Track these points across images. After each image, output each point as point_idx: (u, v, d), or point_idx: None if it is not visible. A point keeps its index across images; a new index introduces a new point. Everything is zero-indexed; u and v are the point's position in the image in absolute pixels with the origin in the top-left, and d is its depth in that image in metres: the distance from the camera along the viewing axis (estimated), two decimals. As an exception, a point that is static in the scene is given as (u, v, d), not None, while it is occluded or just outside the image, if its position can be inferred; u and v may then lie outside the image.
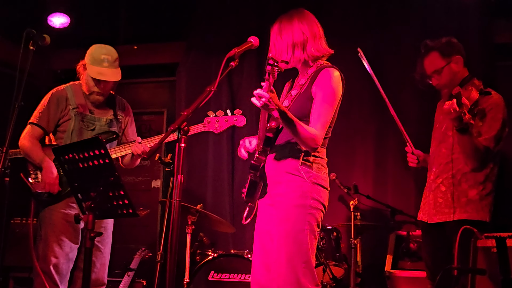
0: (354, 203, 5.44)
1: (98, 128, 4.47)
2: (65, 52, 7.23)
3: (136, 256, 5.76)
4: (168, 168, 4.70)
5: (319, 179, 3.32)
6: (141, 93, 7.61)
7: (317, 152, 3.34)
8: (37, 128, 4.40)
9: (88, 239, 3.14)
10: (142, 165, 7.14)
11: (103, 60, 4.38)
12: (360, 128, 6.25)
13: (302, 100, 3.37)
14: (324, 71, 3.35)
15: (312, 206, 3.27)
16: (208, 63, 6.85)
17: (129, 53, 7.19)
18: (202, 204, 5.26)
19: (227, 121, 4.25)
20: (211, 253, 5.21)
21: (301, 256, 3.22)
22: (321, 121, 3.26)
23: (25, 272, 5.59)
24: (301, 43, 3.39)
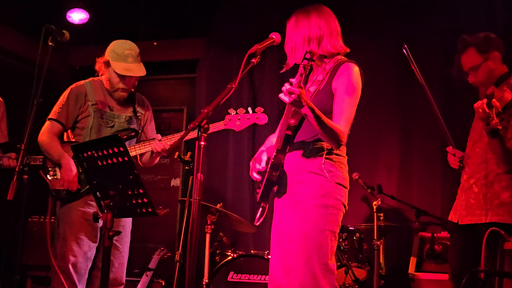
0: (377, 204, 5.40)
1: (117, 125, 4.49)
2: (84, 48, 7.27)
3: (155, 255, 5.77)
4: (188, 167, 4.70)
5: (341, 179, 3.30)
6: (161, 90, 7.64)
7: (339, 150, 3.31)
8: (56, 124, 4.42)
9: (107, 238, 3.15)
10: (161, 163, 7.16)
11: (127, 55, 4.40)
12: (384, 127, 6.21)
13: (322, 96, 3.33)
14: (344, 66, 3.32)
15: (334, 207, 3.24)
16: (229, 59, 6.86)
17: (149, 49, 7.20)
18: (222, 203, 5.26)
19: (248, 119, 4.24)
20: (230, 253, 5.21)
21: (321, 257, 3.19)
22: (345, 117, 3.23)
23: (43, 271, 5.65)
24: (316, 38, 3.37)
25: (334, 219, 3.25)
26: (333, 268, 3.24)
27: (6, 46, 5.16)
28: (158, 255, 5.76)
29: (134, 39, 4.58)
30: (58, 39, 3.94)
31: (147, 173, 7.16)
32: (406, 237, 5.67)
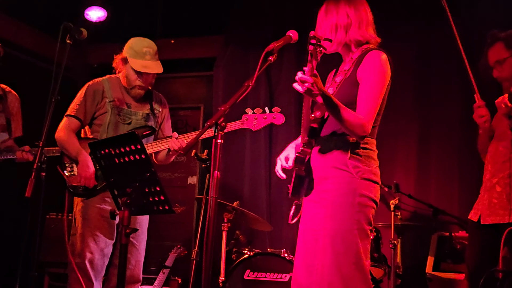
0: (394, 202, 5.38)
1: (134, 122, 4.51)
2: (102, 46, 7.32)
3: (172, 253, 5.80)
4: (205, 165, 4.72)
5: (369, 174, 3.19)
6: (178, 88, 7.66)
7: (366, 144, 3.21)
8: (74, 120, 4.45)
9: (124, 236, 3.17)
10: (178, 161, 7.20)
11: (145, 53, 4.43)
12: (403, 125, 6.19)
13: (347, 86, 3.26)
14: (369, 54, 3.24)
15: (361, 204, 3.14)
16: (246, 57, 6.88)
17: (166, 47, 7.23)
18: (238, 202, 5.28)
19: (265, 119, 4.25)
20: (247, 252, 5.22)
21: (349, 258, 3.09)
22: (368, 107, 3.14)
23: (61, 268, 5.70)
24: (344, 26, 3.30)
25: (362, 217, 3.14)
26: (365, 267, 3.13)
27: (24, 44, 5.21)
28: (175, 253, 5.79)
29: (151, 37, 4.61)
30: (76, 37, 3.97)
31: (164, 171, 7.19)
32: (424, 236, 5.65)
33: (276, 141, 6.65)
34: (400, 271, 5.39)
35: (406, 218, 5.56)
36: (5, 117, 4.98)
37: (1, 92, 4.97)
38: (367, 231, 3.17)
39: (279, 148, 6.50)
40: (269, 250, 5.29)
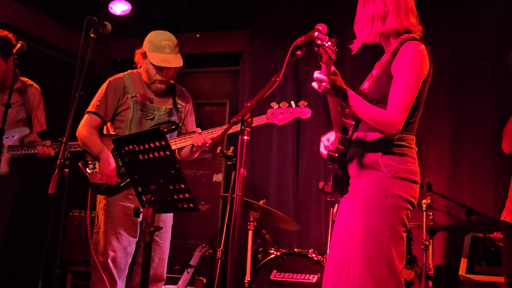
0: (426, 202, 5.33)
1: (157, 118, 4.52)
2: (126, 40, 7.34)
3: (196, 252, 5.81)
4: (231, 162, 4.72)
5: (404, 172, 3.11)
6: (203, 83, 7.68)
7: (402, 141, 3.13)
8: (95, 116, 4.47)
9: (148, 234, 3.17)
10: (203, 158, 7.22)
11: (164, 46, 4.42)
12: (435, 122, 6.12)
13: (382, 80, 3.19)
14: (405, 45, 3.15)
15: (394, 204, 3.07)
16: (273, 52, 6.86)
17: (192, 41, 7.26)
18: (265, 200, 5.27)
19: (292, 113, 4.22)
20: (273, 251, 5.22)
21: (382, 260, 3.04)
22: (400, 102, 3.06)
23: (84, 266, 5.74)
24: (381, 15, 3.24)
25: (395, 218, 3.08)
26: (397, 270, 3.07)
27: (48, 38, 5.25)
28: (200, 252, 5.80)
29: (176, 31, 4.61)
30: (100, 31, 3.97)
31: (189, 168, 7.21)
32: (456, 238, 5.60)
33: (304, 138, 6.63)
34: (431, 273, 5.33)
35: (438, 219, 5.50)
36: (25, 111, 5.03)
37: (20, 85, 5.02)
38: (401, 233, 3.11)
39: (307, 145, 6.54)
40: (296, 250, 5.30)
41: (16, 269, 5.94)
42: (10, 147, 4.88)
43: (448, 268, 5.58)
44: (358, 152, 3.22)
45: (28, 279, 4.93)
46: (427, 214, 5.32)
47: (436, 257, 5.49)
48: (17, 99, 5.03)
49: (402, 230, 3.12)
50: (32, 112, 5.10)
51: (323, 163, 6.26)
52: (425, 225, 5.28)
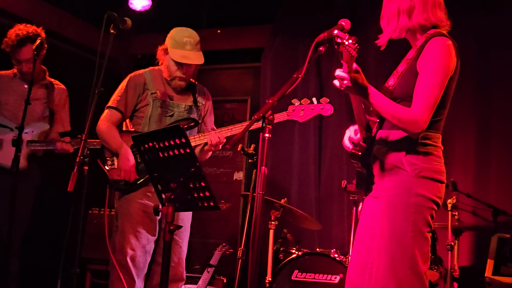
0: (452, 202, 5.29)
1: (176, 115, 4.53)
2: (146, 36, 7.38)
3: (217, 251, 5.81)
4: (251, 160, 4.71)
5: (428, 172, 3.07)
6: (224, 80, 7.68)
7: (427, 139, 3.09)
8: (116, 112, 4.49)
9: (168, 232, 3.17)
10: (224, 156, 7.23)
11: (185, 43, 4.43)
12: (461, 120, 6.07)
13: (408, 76, 3.16)
14: (431, 41, 3.11)
15: (417, 204, 3.04)
16: (295, 48, 6.84)
17: (212, 37, 7.27)
18: (286, 199, 5.26)
19: (313, 110, 4.21)
20: (295, 251, 5.21)
21: (405, 261, 3.02)
22: (425, 100, 3.02)
23: (103, 264, 5.77)
24: (407, 10, 3.20)
25: (419, 218, 3.05)
26: (421, 272, 3.04)
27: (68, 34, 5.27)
28: (220, 251, 5.80)
29: (197, 26, 4.62)
30: (120, 26, 3.98)
31: (209, 166, 7.22)
32: (483, 238, 5.55)
33: (327, 136, 6.61)
34: (457, 274, 5.29)
35: (464, 219, 5.45)
36: (49, 108, 5.11)
37: (47, 82, 5.11)
38: (425, 234, 3.08)
39: (329, 143, 6.51)
40: (318, 250, 5.28)
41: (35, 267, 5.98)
42: (29, 142, 4.94)
43: (474, 270, 5.54)
44: (381, 151, 3.20)
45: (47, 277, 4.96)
46: (452, 214, 5.28)
47: (461, 258, 5.44)
48: (43, 96, 5.11)
49: (427, 231, 3.09)
50: (56, 112, 5.18)
51: (346, 161, 6.24)
52: (450, 226, 5.24)
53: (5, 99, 5.05)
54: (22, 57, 4.97)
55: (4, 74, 5.16)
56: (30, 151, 4.98)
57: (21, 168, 4.86)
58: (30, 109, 4.89)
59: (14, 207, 4.23)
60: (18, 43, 4.91)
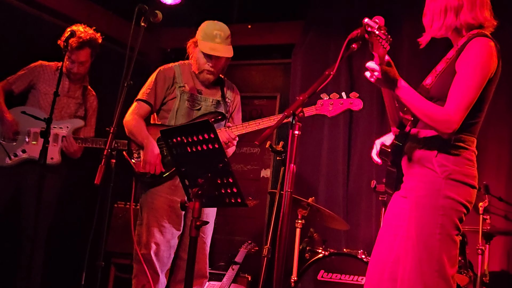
0: (483, 205, 5.24)
1: (204, 109, 4.56)
2: (176, 30, 7.41)
3: (242, 249, 5.81)
4: (280, 157, 4.70)
5: (458, 174, 3.04)
6: (254, 76, 7.69)
7: (460, 142, 3.06)
8: (145, 104, 4.53)
9: (194, 228, 3.19)
10: (251, 152, 7.24)
11: (215, 35, 4.46)
12: (495, 122, 6.00)
13: (446, 76, 3.12)
14: (472, 41, 3.07)
15: (446, 207, 3.02)
16: (327, 44, 6.82)
17: (243, 32, 7.27)
18: (314, 198, 5.25)
19: (342, 104, 4.21)
20: (321, 251, 5.20)
21: (432, 264, 3.00)
22: (459, 100, 2.98)
23: (127, 259, 5.81)
24: (454, 8, 3.15)
25: (447, 221, 3.02)
26: (448, 275, 3.02)
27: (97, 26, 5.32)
28: (245, 249, 5.80)
29: (227, 21, 4.63)
30: (151, 19, 4.00)
31: (236, 162, 7.23)
32: (515, 243, 5.51)
33: (356, 134, 6.58)
34: (486, 279, 5.24)
35: (495, 223, 5.40)
36: (85, 109, 5.23)
37: (86, 84, 5.24)
38: (453, 237, 3.06)
39: (359, 142, 6.48)
40: (345, 251, 5.27)
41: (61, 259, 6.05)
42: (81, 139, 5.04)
43: (505, 275, 5.50)
44: (413, 150, 3.19)
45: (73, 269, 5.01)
46: (483, 218, 5.23)
47: (492, 262, 5.39)
48: (80, 96, 5.23)
49: (455, 234, 3.07)
50: (87, 115, 5.28)
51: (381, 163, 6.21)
52: (481, 229, 5.19)
53: (45, 89, 5.18)
54: (78, 59, 5.15)
55: (48, 66, 5.28)
56: (64, 146, 5.07)
57: (56, 162, 5.05)
58: (65, 106, 5.05)
59: (40, 198, 4.29)
60: (79, 45, 5.09)
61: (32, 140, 5.05)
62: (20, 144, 5.06)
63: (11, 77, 5.18)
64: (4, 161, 5.00)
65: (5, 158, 5.00)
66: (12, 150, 5.02)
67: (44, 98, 5.14)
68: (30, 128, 5.07)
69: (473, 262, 5.27)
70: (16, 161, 5.01)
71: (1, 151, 5.00)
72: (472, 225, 5.28)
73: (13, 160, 5.01)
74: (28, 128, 5.07)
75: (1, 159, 5.00)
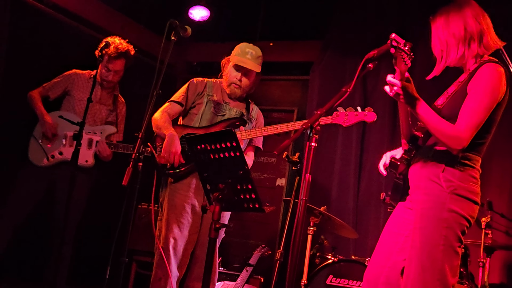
0: (486, 220, 5.22)
1: (227, 116, 4.63)
2: (202, 45, 7.45)
3: (256, 252, 5.82)
4: (295, 167, 4.73)
5: (463, 190, 3.05)
6: (273, 90, 7.71)
7: (466, 160, 3.07)
8: (176, 105, 4.62)
9: (213, 230, 3.23)
10: (268, 162, 7.26)
11: (247, 52, 4.59)
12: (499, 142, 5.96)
13: (457, 97, 3.13)
14: (483, 66, 3.08)
15: (450, 220, 3.03)
16: (343, 63, 6.83)
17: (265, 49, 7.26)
18: (326, 206, 5.26)
19: (357, 116, 4.26)
20: (331, 257, 5.21)
21: (435, 273, 3.01)
22: (469, 119, 3.00)
23: (148, 256, 5.85)
24: (477, 35, 3.14)
25: (450, 233, 3.03)
26: (449, 285, 3.03)
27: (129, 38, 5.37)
28: (259, 252, 5.80)
29: (251, 38, 4.70)
30: (181, 34, 4.04)
31: (254, 171, 7.24)
32: (515, 258, 5.48)
33: (368, 150, 6.58)
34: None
35: (497, 238, 5.37)
36: (116, 117, 5.30)
37: (117, 92, 5.30)
38: (456, 248, 3.07)
39: (370, 156, 6.48)
40: (353, 258, 5.26)
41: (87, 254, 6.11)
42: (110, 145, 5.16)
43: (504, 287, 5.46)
44: (421, 164, 3.20)
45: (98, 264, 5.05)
46: (485, 233, 5.21)
47: (492, 275, 5.36)
48: (110, 103, 5.30)
49: (457, 246, 3.08)
50: (117, 121, 5.35)
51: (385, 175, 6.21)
52: (483, 243, 5.17)
53: (80, 96, 5.24)
54: (114, 68, 5.23)
55: (82, 74, 5.35)
56: (98, 151, 5.14)
57: (90, 165, 5.15)
58: (97, 112, 5.13)
59: (71, 197, 4.33)
60: (117, 55, 5.17)
61: (68, 143, 5.12)
62: (57, 146, 5.12)
63: (46, 84, 5.25)
64: (42, 161, 5.06)
65: (43, 159, 5.06)
66: (49, 151, 5.08)
67: (79, 104, 5.21)
68: (66, 132, 5.14)
69: (474, 274, 5.24)
70: (52, 162, 5.08)
71: (40, 152, 5.07)
72: (474, 239, 5.26)
73: (50, 161, 5.07)
74: (65, 132, 5.14)
75: (39, 159, 5.06)
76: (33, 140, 5.08)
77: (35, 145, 5.08)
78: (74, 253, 5.18)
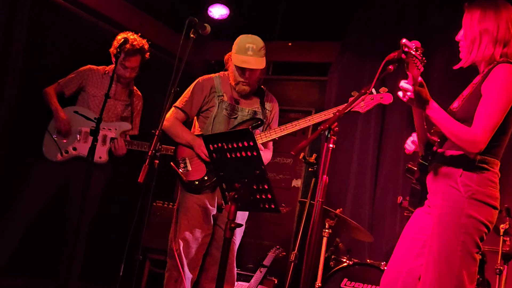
0: (504, 227, 5.17)
1: (240, 118, 4.58)
2: (220, 43, 7.42)
3: (270, 253, 5.82)
4: (312, 169, 4.71)
5: (481, 195, 3.01)
6: (291, 90, 7.70)
7: (484, 163, 3.02)
8: (180, 112, 4.60)
9: (228, 229, 3.22)
10: (284, 163, 7.25)
11: (247, 48, 4.46)
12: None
13: (472, 99, 3.09)
14: (497, 67, 3.05)
15: (468, 225, 2.99)
16: (362, 65, 6.81)
17: (283, 49, 7.30)
18: (341, 209, 5.25)
19: (373, 100, 4.19)
20: (346, 260, 5.19)
21: (452, 279, 2.98)
22: (485, 121, 2.96)
23: (161, 254, 5.85)
24: (503, 41, 3.10)
25: (468, 239, 2.99)
26: None
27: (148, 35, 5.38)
28: (273, 253, 5.80)
29: (270, 38, 4.66)
30: (200, 32, 4.03)
31: (269, 171, 7.21)
32: (533, 266, 5.41)
33: (385, 152, 6.55)
34: (503, 298, 5.18)
35: (515, 245, 5.32)
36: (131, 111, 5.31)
37: (132, 87, 5.31)
38: (474, 254, 3.04)
39: (387, 159, 6.45)
40: (368, 261, 5.24)
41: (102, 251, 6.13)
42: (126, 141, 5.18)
43: (522, 295, 5.41)
44: (438, 169, 3.17)
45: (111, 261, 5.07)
46: (503, 240, 5.16)
47: (509, 282, 5.30)
48: (126, 99, 5.32)
49: (475, 252, 3.04)
50: (133, 116, 5.36)
51: (402, 178, 6.17)
52: (501, 250, 5.12)
53: (94, 92, 5.26)
54: (130, 64, 5.24)
55: (96, 70, 5.37)
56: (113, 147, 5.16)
57: (103, 161, 5.17)
58: (112, 108, 5.13)
59: (86, 193, 4.35)
60: (132, 52, 5.18)
61: (83, 139, 5.14)
62: (72, 141, 5.15)
63: (61, 80, 5.27)
64: (56, 156, 5.08)
65: (57, 154, 5.08)
66: (63, 147, 5.11)
67: (93, 100, 5.23)
68: (81, 128, 5.16)
69: (491, 281, 5.20)
70: (66, 157, 5.10)
71: (54, 147, 5.09)
72: (492, 246, 5.21)
73: (64, 156, 5.09)
74: (79, 128, 5.16)
75: (53, 155, 5.08)
76: (47, 135, 5.11)
77: (50, 140, 5.11)
78: (87, 249, 5.20)
